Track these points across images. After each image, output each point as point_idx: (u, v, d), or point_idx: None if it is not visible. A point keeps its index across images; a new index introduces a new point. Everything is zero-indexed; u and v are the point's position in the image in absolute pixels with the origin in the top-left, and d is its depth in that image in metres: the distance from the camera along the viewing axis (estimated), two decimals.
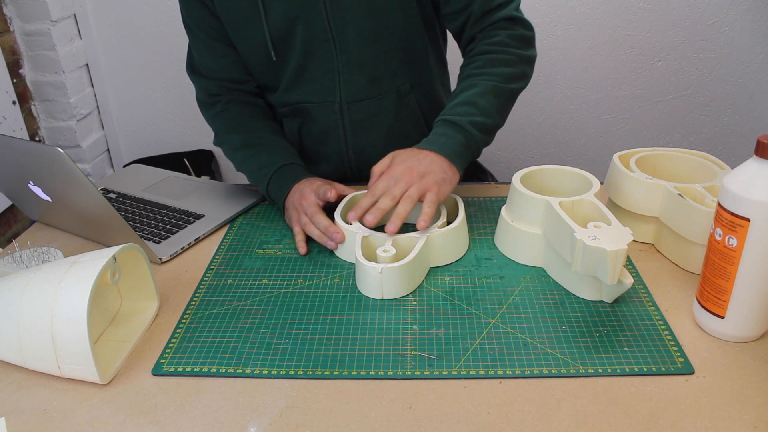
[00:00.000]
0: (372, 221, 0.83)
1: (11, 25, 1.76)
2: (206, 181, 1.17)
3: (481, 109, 0.92)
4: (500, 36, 0.97)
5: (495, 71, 0.95)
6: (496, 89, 0.94)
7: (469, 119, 0.91)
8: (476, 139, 0.92)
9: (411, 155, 0.89)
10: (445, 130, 0.91)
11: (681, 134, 1.98)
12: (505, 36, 0.97)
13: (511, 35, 0.97)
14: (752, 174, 0.63)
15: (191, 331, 0.76)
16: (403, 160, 0.88)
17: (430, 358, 0.70)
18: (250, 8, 0.97)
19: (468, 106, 0.92)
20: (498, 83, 0.94)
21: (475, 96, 0.93)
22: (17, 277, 0.71)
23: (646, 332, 0.72)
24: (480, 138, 0.92)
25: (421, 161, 0.87)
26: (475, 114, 0.91)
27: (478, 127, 0.91)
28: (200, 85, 1.08)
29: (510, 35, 0.97)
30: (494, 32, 0.98)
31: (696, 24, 1.81)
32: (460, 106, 0.92)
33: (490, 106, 0.93)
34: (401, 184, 0.85)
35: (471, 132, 0.91)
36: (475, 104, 0.92)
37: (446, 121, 0.92)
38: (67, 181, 0.83)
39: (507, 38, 0.97)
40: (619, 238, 0.71)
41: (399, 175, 0.86)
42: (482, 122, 0.92)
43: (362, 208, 0.86)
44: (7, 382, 0.70)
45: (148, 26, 1.91)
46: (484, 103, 0.92)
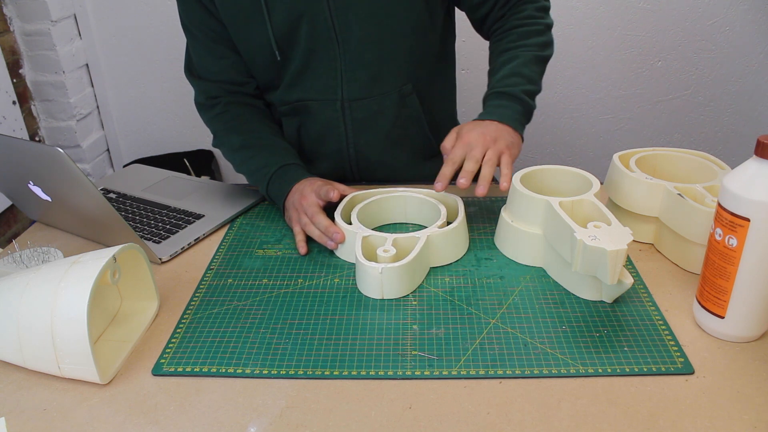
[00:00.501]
0: (466, 183, 0.85)
1: (11, 25, 1.76)
2: (206, 181, 1.17)
3: (528, 78, 0.98)
4: (528, 10, 1.04)
5: (531, 42, 1.02)
6: (536, 58, 1.01)
7: (522, 88, 0.97)
8: (530, 106, 0.98)
9: (477, 125, 0.93)
10: (501, 101, 0.96)
11: (681, 134, 1.98)
12: (532, 9, 1.04)
13: (536, 7, 1.05)
14: (752, 174, 0.63)
15: (191, 331, 0.76)
16: (470, 128, 0.91)
17: (430, 358, 0.70)
18: (253, 8, 0.97)
19: (516, 77, 0.98)
20: (536, 53, 1.01)
21: (519, 67, 0.99)
22: (17, 277, 0.71)
23: (646, 332, 0.72)
24: (531, 104, 0.99)
25: (489, 128, 0.91)
26: (524, 83, 0.98)
27: (529, 94, 0.98)
28: (199, 87, 1.08)
29: (536, 8, 1.05)
30: (522, 8, 1.04)
31: (696, 24, 1.81)
32: (509, 78, 0.98)
33: (534, 74, 1.00)
34: (479, 149, 0.88)
35: (525, 100, 0.97)
36: (522, 74, 0.98)
37: (500, 93, 0.97)
38: (67, 181, 0.83)
39: (534, 11, 1.04)
40: (619, 238, 0.71)
41: (474, 142, 0.89)
42: (531, 90, 0.99)
43: (446, 176, 0.88)
44: (7, 382, 0.70)
45: (148, 26, 1.91)
46: (529, 72, 0.99)
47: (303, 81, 1.04)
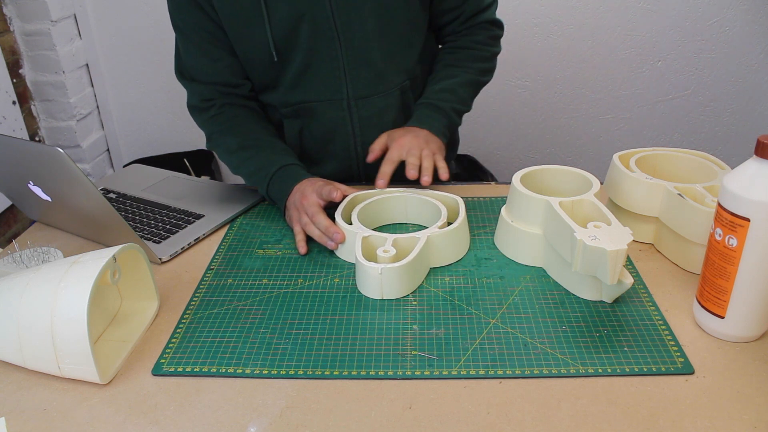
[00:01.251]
0: (414, 174, 0.93)
1: (11, 25, 1.76)
2: (206, 181, 1.17)
3: (460, 98, 1.08)
4: (481, 36, 1.11)
5: (473, 66, 1.10)
6: (473, 81, 1.10)
7: (451, 106, 1.07)
8: (455, 122, 1.08)
9: (407, 130, 1.02)
10: (431, 113, 1.05)
11: (681, 134, 1.98)
12: (485, 36, 1.12)
13: (489, 36, 1.12)
14: (752, 174, 0.63)
15: (191, 331, 0.76)
16: (402, 134, 1.00)
17: (430, 358, 0.70)
18: (253, 8, 0.97)
19: (449, 93, 1.07)
20: (475, 76, 1.10)
21: (455, 85, 1.08)
22: (17, 277, 0.71)
23: (646, 332, 0.72)
24: (456, 121, 1.08)
25: (419, 133, 1.01)
26: (454, 101, 1.07)
27: (457, 112, 1.08)
28: (193, 90, 1.07)
29: (489, 35, 1.12)
30: (477, 31, 1.11)
31: (696, 24, 1.81)
32: (443, 93, 1.07)
33: (466, 96, 1.09)
34: (415, 149, 0.97)
35: (452, 116, 1.07)
36: (456, 93, 1.08)
37: (431, 105, 1.06)
38: (67, 181, 0.83)
39: (486, 38, 1.12)
40: (619, 238, 0.71)
41: (408, 144, 0.98)
42: (459, 109, 1.08)
43: (387, 173, 0.96)
44: (7, 382, 0.70)
45: (148, 26, 1.91)
46: (462, 93, 1.09)
47: (305, 82, 1.03)
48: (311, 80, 1.03)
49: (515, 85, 1.94)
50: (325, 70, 1.02)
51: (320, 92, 1.04)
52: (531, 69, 1.91)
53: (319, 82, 1.03)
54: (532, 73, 1.92)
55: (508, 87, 1.94)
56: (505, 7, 1.79)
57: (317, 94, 1.04)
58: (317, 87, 1.04)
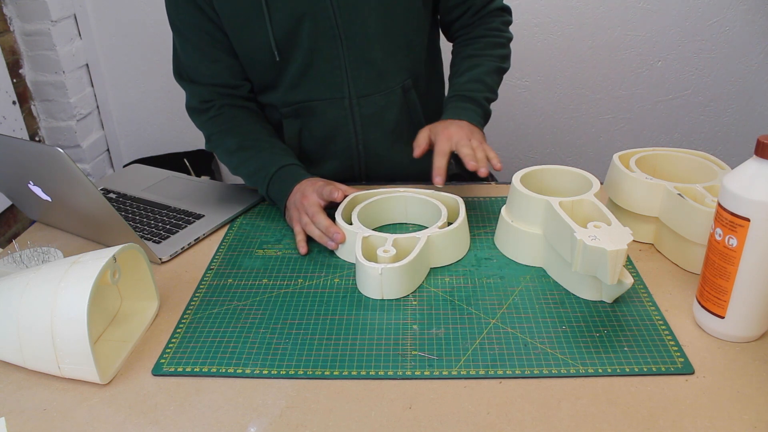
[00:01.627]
0: (475, 165, 0.90)
1: (11, 25, 1.76)
2: (206, 181, 1.17)
3: (488, 87, 1.07)
4: (495, 23, 1.12)
5: (494, 53, 1.10)
6: (497, 69, 1.09)
7: (483, 95, 1.06)
8: (488, 111, 1.07)
9: (449, 122, 0.99)
10: (465, 104, 1.04)
11: (681, 134, 1.98)
12: (499, 23, 1.12)
13: (502, 21, 1.12)
14: (752, 174, 0.63)
15: (191, 331, 0.76)
16: (446, 126, 0.98)
17: (430, 358, 0.70)
18: (253, 8, 0.97)
19: (479, 83, 1.06)
20: (498, 64, 1.09)
21: (482, 74, 1.07)
22: (17, 277, 0.71)
23: (646, 332, 0.72)
24: (490, 110, 1.08)
25: (461, 124, 0.99)
26: (485, 90, 1.06)
27: (488, 100, 1.07)
28: (192, 91, 1.07)
29: (502, 22, 1.12)
30: (490, 19, 1.12)
31: (696, 24, 1.81)
32: (472, 83, 1.06)
33: (494, 84, 1.09)
34: (464, 139, 0.94)
35: (485, 105, 1.06)
36: (484, 82, 1.07)
37: (464, 96, 1.05)
38: (67, 181, 0.83)
39: (500, 24, 1.12)
40: (619, 238, 0.71)
41: (455, 135, 0.95)
42: (490, 97, 1.08)
43: (442, 168, 0.93)
44: (7, 382, 0.70)
45: (148, 26, 1.91)
46: (491, 81, 1.08)
47: (306, 81, 1.03)
48: (312, 79, 1.03)
49: (515, 85, 1.94)
50: (326, 69, 1.02)
51: (321, 91, 1.04)
52: (531, 69, 1.91)
53: (320, 81, 1.03)
54: (532, 73, 1.92)
55: (508, 87, 1.94)
56: None
57: (318, 93, 1.04)
58: (318, 86, 1.04)
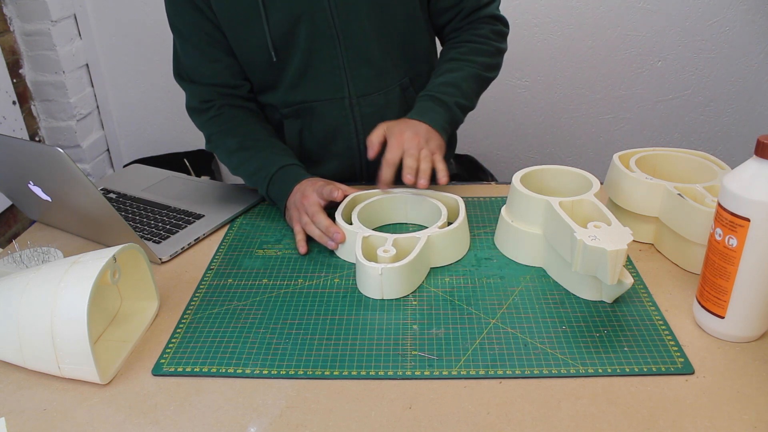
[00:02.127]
0: (412, 179, 0.89)
1: (11, 25, 1.76)
2: (206, 181, 1.17)
3: (464, 93, 1.02)
4: (484, 30, 1.08)
5: (477, 60, 1.06)
6: (477, 76, 1.05)
7: (455, 100, 1.01)
8: (458, 117, 1.02)
9: (408, 125, 0.95)
10: (433, 106, 0.99)
11: (681, 134, 1.98)
12: (488, 30, 1.08)
13: (493, 30, 1.08)
14: (752, 174, 0.63)
15: (191, 331, 0.76)
16: (402, 129, 0.94)
17: (430, 358, 0.70)
18: (251, 9, 0.97)
19: (453, 87, 1.01)
20: (479, 71, 1.05)
21: (459, 79, 1.03)
22: (17, 277, 0.71)
23: (646, 332, 0.72)
24: (459, 117, 1.03)
25: (419, 129, 0.95)
26: (458, 96, 1.01)
27: (460, 107, 1.02)
28: (192, 91, 1.07)
29: (492, 30, 1.08)
30: (480, 25, 1.08)
31: (696, 24, 1.81)
32: (446, 86, 1.01)
33: (470, 91, 1.04)
34: (414, 149, 0.91)
35: (455, 112, 1.01)
36: (459, 87, 1.02)
37: (434, 97, 1.00)
38: (67, 181, 0.83)
39: (489, 32, 1.08)
40: (619, 238, 0.71)
41: (407, 141, 0.92)
42: (463, 104, 1.02)
43: (389, 179, 0.92)
44: (7, 382, 0.70)
45: (148, 26, 1.91)
46: (466, 88, 1.03)
47: (306, 81, 1.04)
48: (312, 80, 1.03)
49: (515, 85, 1.94)
50: (325, 69, 1.02)
51: (321, 91, 1.04)
52: (531, 69, 1.91)
53: (319, 81, 1.03)
54: (532, 73, 1.92)
55: (508, 87, 1.94)
56: (506, 7, 1.77)
57: (318, 93, 1.04)
58: (318, 86, 1.04)
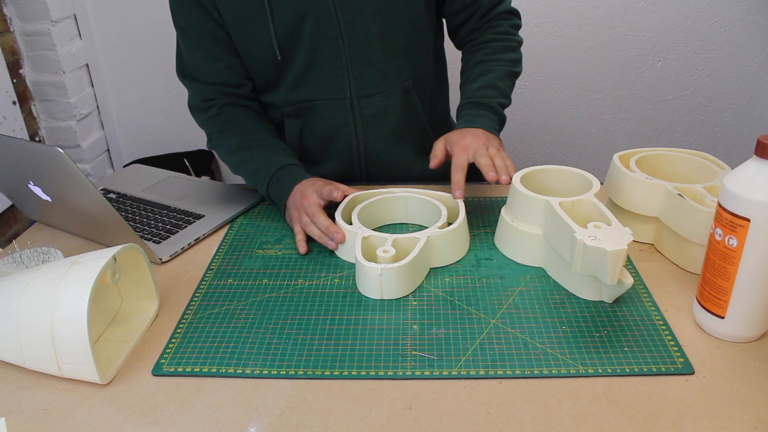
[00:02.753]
0: (495, 176, 0.88)
1: (11, 25, 1.76)
2: (206, 181, 1.17)
3: (502, 92, 1.05)
4: (504, 26, 1.09)
5: (505, 57, 1.07)
6: (509, 73, 1.07)
7: (497, 101, 1.03)
8: (503, 117, 1.05)
9: (464, 132, 0.97)
10: (480, 112, 1.02)
11: (681, 134, 1.98)
12: (508, 26, 1.09)
13: (511, 25, 1.10)
14: (752, 174, 0.63)
15: (191, 331, 0.76)
16: (461, 135, 0.96)
17: (430, 358, 0.70)
18: (256, 7, 0.97)
19: (491, 89, 1.04)
20: (509, 68, 1.07)
21: (494, 80, 1.05)
22: (17, 277, 0.71)
23: (646, 332, 0.72)
24: (504, 117, 1.05)
25: (477, 132, 0.97)
26: (498, 96, 1.04)
27: (502, 106, 1.05)
28: (194, 89, 1.07)
29: (511, 25, 1.10)
30: (499, 23, 1.09)
31: (696, 24, 1.81)
32: (484, 90, 1.04)
33: (507, 89, 1.06)
34: (481, 149, 0.92)
35: (499, 111, 1.04)
36: (497, 87, 1.04)
37: (477, 103, 1.03)
38: (67, 181, 0.83)
39: (509, 27, 1.09)
40: (619, 238, 0.71)
41: (472, 145, 0.93)
42: (504, 103, 1.05)
43: (461, 182, 0.91)
44: (7, 382, 0.70)
45: (148, 26, 1.91)
46: (503, 86, 1.05)
47: (308, 81, 1.04)
48: (314, 79, 1.03)
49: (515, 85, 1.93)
50: (327, 68, 1.02)
51: (322, 91, 1.04)
52: (531, 69, 1.91)
53: (321, 80, 1.03)
54: (532, 73, 1.92)
55: None
56: None
57: (319, 92, 1.04)
58: (320, 86, 1.04)
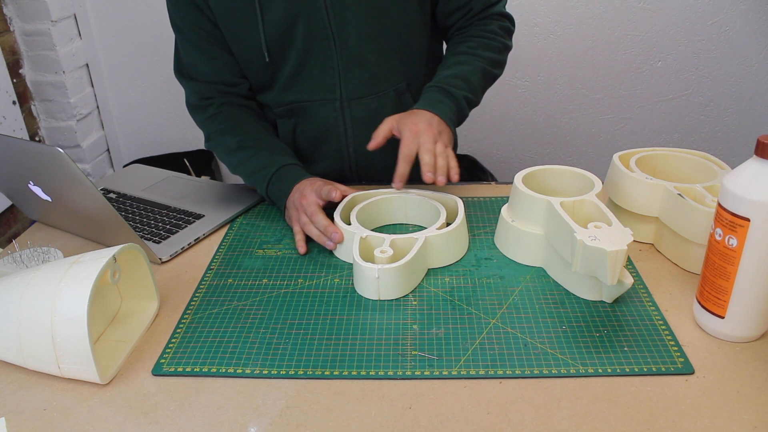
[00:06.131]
0: (432, 177, 0.87)
1: (11, 25, 1.76)
2: (206, 181, 1.17)
3: (472, 87, 1.02)
4: (492, 25, 1.08)
5: (485, 55, 1.05)
6: (484, 71, 1.04)
7: (463, 94, 1.00)
8: (464, 111, 1.01)
9: (419, 116, 0.94)
10: (442, 98, 0.98)
11: (681, 134, 1.98)
12: (497, 26, 1.08)
13: (501, 26, 1.08)
14: (752, 174, 0.63)
15: (191, 331, 0.76)
16: (415, 120, 0.93)
17: (430, 358, 0.70)
18: (247, 8, 0.97)
19: (462, 80, 1.01)
20: (486, 66, 1.05)
21: (467, 73, 1.02)
22: (17, 277, 0.71)
23: (646, 332, 0.72)
24: (466, 111, 1.02)
25: (432, 121, 0.94)
26: (466, 90, 1.01)
27: (468, 101, 1.01)
28: (191, 88, 1.07)
29: (500, 26, 1.08)
30: (488, 21, 1.08)
31: (696, 24, 1.81)
32: (454, 79, 1.01)
33: (478, 86, 1.03)
34: (429, 143, 0.90)
35: (462, 105, 1.00)
36: (468, 81, 1.01)
37: (443, 89, 0.99)
38: (67, 181, 0.83)
39: (498, 28, 1.08)
40: (619, 239, 0.71)
41: (422, 134, 0.91)
42: (470, 98, 1.02)
43: (404, 174, 0.90)
44: (7, 382, 0.70)
45: (148, 26, 1.91)
46: (474, 82, 1.02)
47: (299, 82, 1.03)
48: (305, 80, 1.03)
49: (515, 85, 1.94)
50: (319, 70, 1.02)
51: (313, 92, 1.04)
52: (531, 69, 1.91)
53: (312, 82, 1.03)
54: (532, 73, 1.92)
55: (508, 87, 1.94)
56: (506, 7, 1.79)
57: (310, 94, 1.04)
58: (311, 87, 1.04)
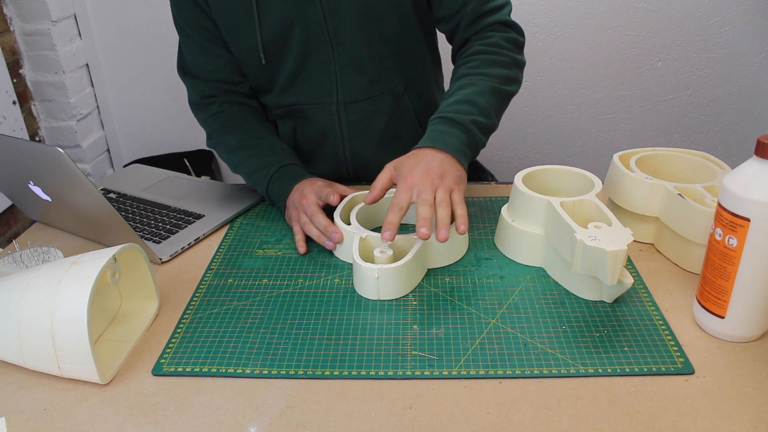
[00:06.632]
0: (428, 233, 0.77)
1: (11, 25, 1.76)
2: (206, 181, 1.17)
3: (481, 109, 0.90)
4: (495, 38, 0.97)
5: (491, 72, 0.94)
6: (494, 90, 0.92)
7: (471, 118, 0.88)
8: (477, 139, 0.89)
9: (418, 159, 0.84)
10: (446, 128, 0.88)
11: (681, 134, 1.98)
12: (500, 38, 0.97)
13: (506, 38, 0.97)
14: (752, 174, 0.63)
15: (191, 331, 0.76)
16: (411, 166, 0.83)
17: (430, 358, 0.70)
18: (245, 11, 0.97)
19: (468, 105, 0.89)
20: (496, 84, 0.93)
21: (474, 95, 0.90)
22: (17, 277, 0.71)
23: (646, 332, 0.72)
24: (480, 139, 0.90)
25: (432, 163, 0.83)
26: (475, 113, 0.89)
27: (479, 126, 0.89)
28: (193, 86, 1.07)
29: (504, 38, 0.97)
30: (489, 34, 0.97)
31: (696, 24, 1.81)
32: (459, 104, 0.89)
33: (489, 107, 0.91)
34: (428, 191, 0.80)
35: (472, 131, 0.88)
36: (475, 104, 0.90)
37: (446, 118, 0.89)
38: (67, 181, 0.83)
39: (502, 40, 0.97)
40: (619, 239, 0.71)
41: (419, 182, 0.81)
42: (482, 122, 0.90)
43: (394, 224, 0.80)
44: (7, 382, 0.70)
45: (148, 26, 1.91)
46: (484, 103, 0.90)
47: (297, 85, 1.03)
48: (303, 83, 1.03)
49: None
50: (316, 73, 1.02)
51: (311, 96, 1.04)
52: (531, 69, 1.91)
53: (310, 85, 1.03)
54: (532, 73, 1.92)
55: None
56: None
57: (308, 97, 1.04)
58: (308, 90, 1.03)
